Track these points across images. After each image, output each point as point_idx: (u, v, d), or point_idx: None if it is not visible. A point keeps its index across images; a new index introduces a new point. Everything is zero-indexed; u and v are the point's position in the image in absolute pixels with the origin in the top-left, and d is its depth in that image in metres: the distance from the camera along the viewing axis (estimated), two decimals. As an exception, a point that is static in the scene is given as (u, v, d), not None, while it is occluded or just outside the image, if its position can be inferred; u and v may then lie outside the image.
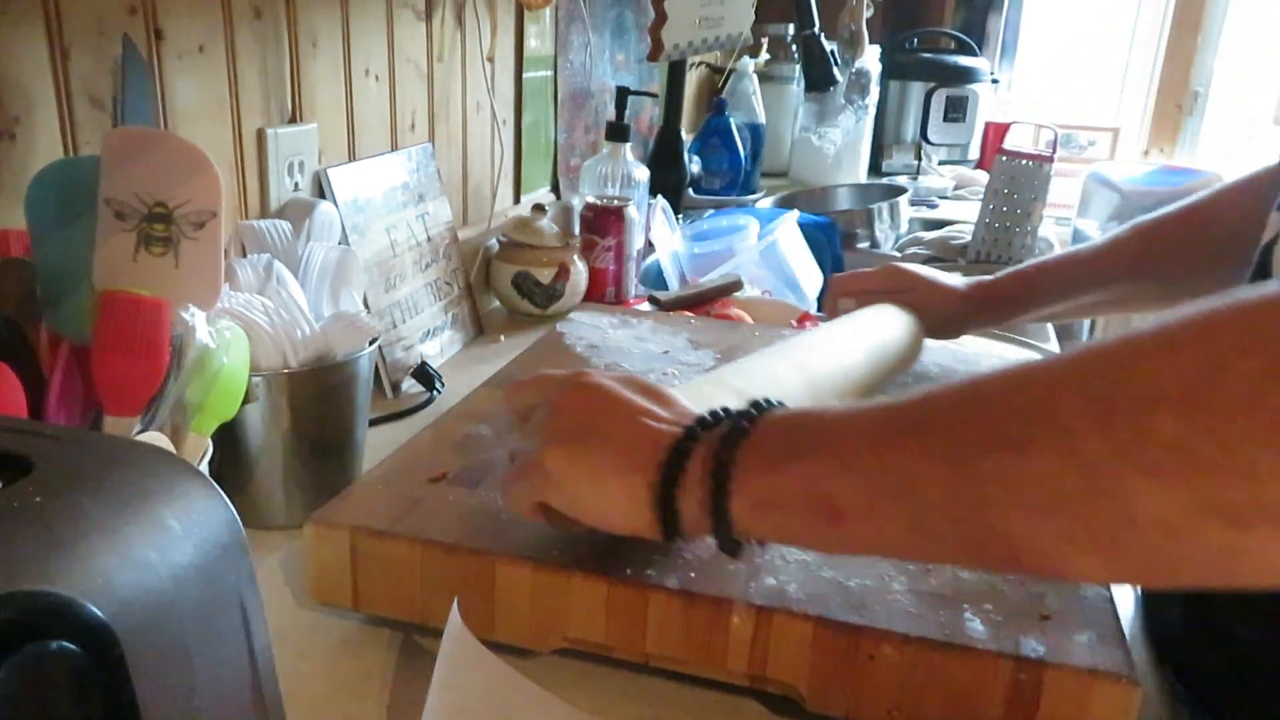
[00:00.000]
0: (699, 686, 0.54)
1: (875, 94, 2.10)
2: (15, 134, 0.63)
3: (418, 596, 0.56)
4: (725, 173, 1.85)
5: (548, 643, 0.55)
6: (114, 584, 0.28)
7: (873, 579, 0.53)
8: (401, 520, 0.57)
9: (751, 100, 1.96)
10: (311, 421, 0.69)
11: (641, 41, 1.60)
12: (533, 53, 1.32)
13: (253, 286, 0.69)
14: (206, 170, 0.58)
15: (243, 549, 0.34)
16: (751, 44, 1.83)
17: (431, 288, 1.05)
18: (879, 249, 1.62)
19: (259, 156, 0.85)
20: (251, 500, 0.69)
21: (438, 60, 1.11)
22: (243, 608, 0.33)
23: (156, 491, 0.32)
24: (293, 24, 0.86)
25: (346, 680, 0.54)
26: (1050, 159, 1.46)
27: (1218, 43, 2.38)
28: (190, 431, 0.58)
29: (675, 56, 1.43)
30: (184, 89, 0.76)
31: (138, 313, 0.55)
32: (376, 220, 0.96)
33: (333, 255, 0.76)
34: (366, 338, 0.71)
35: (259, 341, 0.65)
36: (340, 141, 0.96)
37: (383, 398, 0.93)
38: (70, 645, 0.26)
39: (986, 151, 2.32)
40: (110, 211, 0.57)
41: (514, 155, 1.34)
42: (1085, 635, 0.49)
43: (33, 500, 0.29)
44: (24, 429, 0.34)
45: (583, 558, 0.54)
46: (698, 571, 0.53)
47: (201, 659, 0.31)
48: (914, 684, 0.49)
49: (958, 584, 0.53)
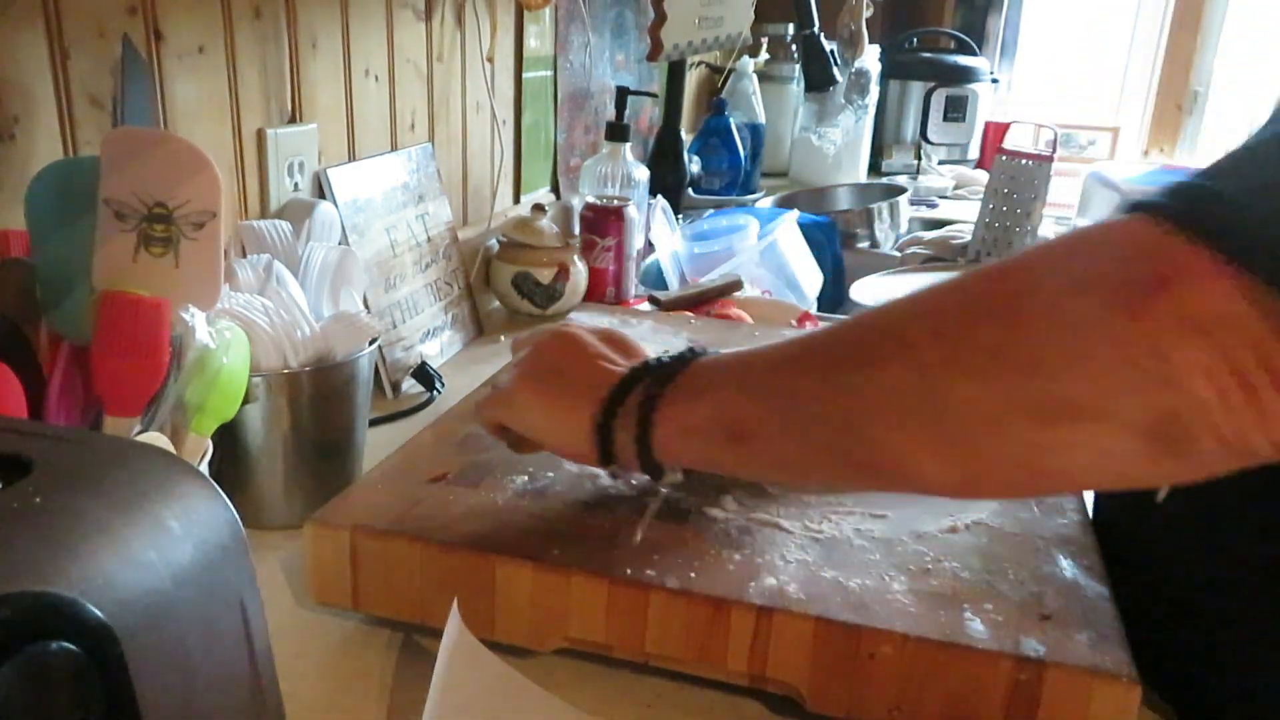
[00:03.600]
0: (699, 686, 0.54)
1: (875, 94, 2.10)
2: (15, 134, 0.63)
3: (418, 596, 0.56)
4: (725, 173, 1.85)
5: (548, 643, 0.55)
6: (114, 584, 0.28)
7: (873, 579, 0.53)
8: (401, 520, 0.57)
9: (751, 100, 1.96)
10: (311, 422, 0.69)
11: (641, 41, 1.60)
12: (533, 53, 1.32)
13: (253, 287, 0.69)
14: (206, 170, 0.58)
15: (243, 549, 0.34)
16: (751, 44, 1.82)
17: (431, 288, 1.05)
18: (879, 249, 1.63)
19: (259, 157, 0.85)
20: (251, 500, 0.69)
21: (437, 60, 1.11)
22: (243, 608, 0.33)
23: (156, 492, 0.32)
24: (293, 24, 0.86)
25: (346, 680, 0.54)
26: (1050, 159, 1.46)
27: (1218, 43, 2.38)
28: (190, 432, 0.58)
29: (675, 56, 1.43)
30: (184, 89, 0.76)
31: (138, 313, 0.55)
32: (376, 220, 0.96)
33: (333, 255, 0.76)
34: (366, 338, 0.71)
35: (259, 342, 0.65)
36: (340, 142, 0.96)
37: (383, 398, 0.93)
38: (70, 645, 0.26)
39: (986, 151, 2.32)
40: (110, 211, 0.57)
41: (514, 155, 1.34)
42: (1085, 635, 0.49)
43: (33, 500, 0.29)
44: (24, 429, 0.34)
45: (583, 558, 0.54)
46: (698, 572, 0.53)
47: (201, 659, 0.31)
48: (914, 684, 0.49)
49: (958, 584, 0.53)
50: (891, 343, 0.43)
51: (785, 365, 0.47)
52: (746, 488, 0.63)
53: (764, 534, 0.57)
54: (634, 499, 0.61)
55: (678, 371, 0.51)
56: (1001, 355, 0.39)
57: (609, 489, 0.62)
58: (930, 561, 0.55)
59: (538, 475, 0.63)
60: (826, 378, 0.45)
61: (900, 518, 0.60)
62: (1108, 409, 0.37)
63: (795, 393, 0.46)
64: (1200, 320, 0.35)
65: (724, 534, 0.57)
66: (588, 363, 0.55)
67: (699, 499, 0.61)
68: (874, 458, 0.43)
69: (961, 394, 0.39)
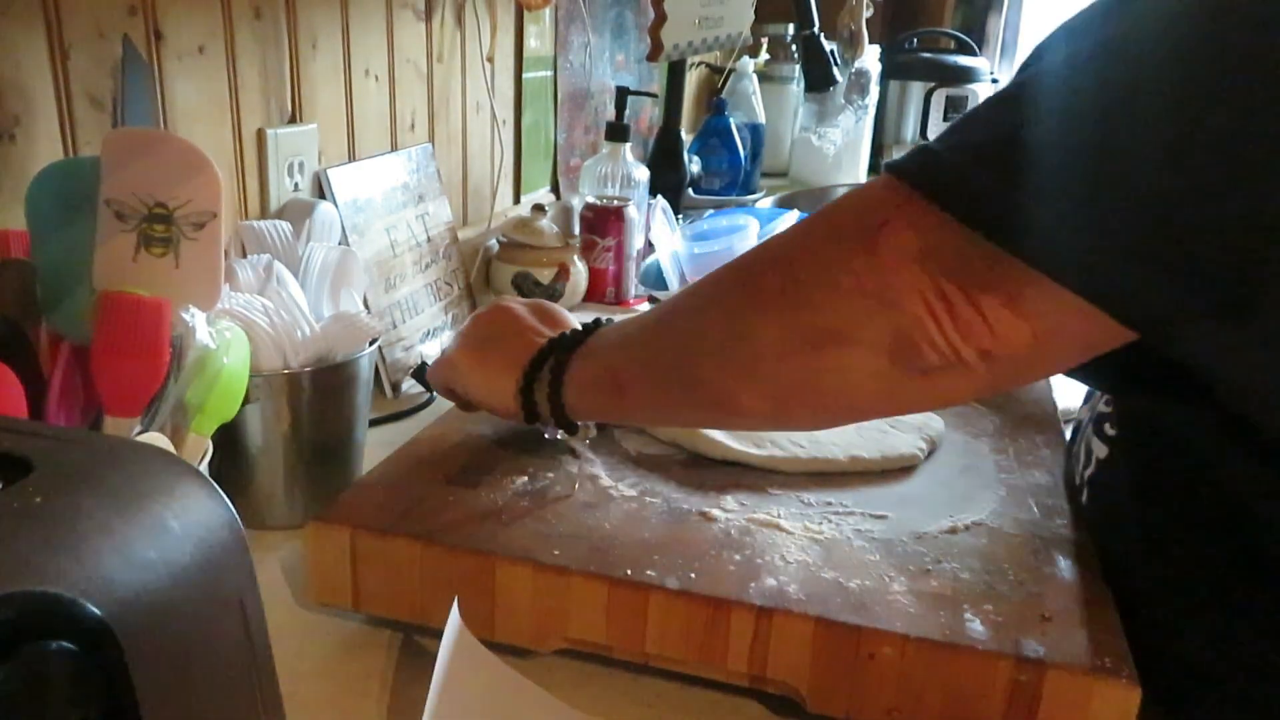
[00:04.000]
0: (699, 686, 0.54)
1: (875, 94, 2.10)
2: (15, 134, 0.63)
3: (418, 596, 0.56)
4: (725, 173, 1.85)
5: (548, 643, 0.55)
6: (114, 584, 0.28)
7: (873, 579, 0.53)
8: (401, 520, 0.57)
9: (751, 100, 1.96)
10: (311, 422, 0.69)
11: (641, 41, 1.60)
12: (532, 53, 1.32)
13: (253, 287, 0.69)
14: (206, 171, 0.58)
15: (243, 549, 0.34)
16: (751, 44, 1.82)
17: (431, 288, 1.05)
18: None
19: (259, 157, 0.85)
20: (251, 500, 0.69)
21: (437, 60, 1.11)
22: (243, 608, 0.33)
23: (156, 492, 0.32)
24: (293, 24, 0.86)
25: (346, 680, 0.54)
26: (1050, 159, 1.46)
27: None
28: (190, 432, 0.58)
29: (675, 56, 1.43)
30: (184, 89, 0.76)
31: (138, 313, 0.55)
32: (376, 220, 0.96)
33: (333, 255, 0.76)
34: (366, 338, 0.71)
35: (259, 342, 0.65)
36: (340, 142, 0.96)
37: (383, 398, 0.93)
38: (70, 645, 0.26)
39: (986, 151, 2.32)
40: (110, 212, 0.57)
41: (514, 155, 1.34)
42: (1085, 635, 0.49)
43: (33, 500, 0.29)
44: (24, 429, 0.34)
45: (583, 558, 0.54)
46: (698, 572, 0.53)
47: (201, 659, 0.31)
48: (914, 684, 0.49)
49: (958, 584, 0.53)
50: (713, 290, 0.51)
51: (650, 324, 0.55)
52: (747, 488, 0.63)
53: (764, 534, 0.57)
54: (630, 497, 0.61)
55: (583, 339, 0.59)
56: (783, 294, 0.46)
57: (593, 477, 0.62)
58: (930, 562, 0.55)
59: (538, 475, 0.63)
60: (669, 327, 0.53)
61: (900, 518, 0.60)
62: (855, 333, 0.44)
63: (650, 343, 0.54)
64: (911, 250, 0.43)
65: (724, 534, 0.57)
66: (517, 333, 0.62)
67: (699, 499, 0.61)
68: (707, 395, 0.50)
69: (757, 329, 0.47)
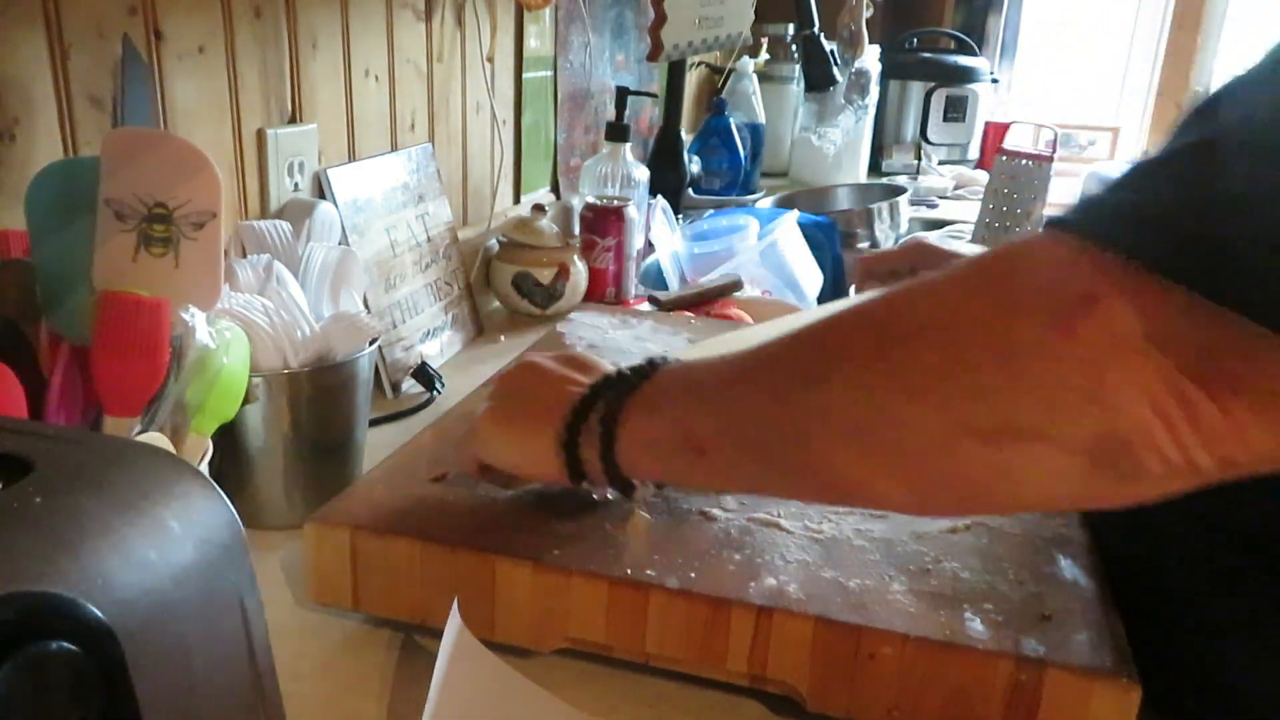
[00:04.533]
0: (699, 686, 0.54)
1: (875, 94, 2.10)
2: (15, 134, 0.63)
3: (418, 596, 0.56)
4: (725, 173, 1.85)
5: (548, 643, 0.55)
6: (114, 584, 0.28)
7: (873, 579, 0.53)
8: (401, 520, 0.57)
9: (751, 100, 1.96)
10: (311, 422, 0.69)
11: (641, 41, 1.60)
12: (532, 53, 1.32)
13: (253, 287, 0.69)
14: (206, 170, 0.58)
15: (243, 549, 0.34)
16: (751, 44, 1.82)
17: (431, 288, 1.05)
18: (879, 249, 1.62)
19: (259, 157, 0.85)
20: (251, 500, 0.69)
21: (437, 60, 1.11)
22: (243, 608, 0.33)
23: (156, 492, 0.32)
24: (293, 24, 0.86)
25: (346, 680, 0.54)
26: (1050, 159, 1.46)
27: (1218, 43, 2.38)
28: (190, 432, 0.58)
29: (675, 56, 1.43)
30: (184, 89, 0.76)
31: (138, 313, 0.55)
32: (376, 220, 0.96)
33: (333, 255, 0.76)
34: (366, 338, 0.71)
35: (259, 342, 0.65)
36: (340, 142, 0.96)
37: (383, 398, 0.93)
38: (70, 645, 0.26)
39: (986, 151, 2.32)
40: (110, 212, 0.57)
41: (514, 155, 1.34)
42: (1085, 635, 0.49)
43: (33, 500, 0.29)
44: (24, 429, 0.34)
45: (583, 558, 0.54)
46: (698, 572, 0.53)
47: (201, 659, 0.31)
48: (914, 684, 0.49)
49: (958, 584, 0.53)
50: (838, 361, 0.42)
51: (739, 379, 0.47)
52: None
53: (764, 534, 0.57)
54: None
55: (638, 385, 0.51)
56: (946, 378, 0.38)
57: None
58: (930, 561, 0.55)
59: (538, 475, 0.63)
60: (776, 393, 0.44)
61: (900, 518, 0.60)
62: (1049, 431, 0.36)
63: (749, 409, 0.45)
64: (1133, 337, 0.34)
65: (724, 534, 0.57)
66: (549, 384, 0.55)
67: (699, 498, 0.61)
68: (828, 476, 0.43)
69: (907, 415, 0.39)
